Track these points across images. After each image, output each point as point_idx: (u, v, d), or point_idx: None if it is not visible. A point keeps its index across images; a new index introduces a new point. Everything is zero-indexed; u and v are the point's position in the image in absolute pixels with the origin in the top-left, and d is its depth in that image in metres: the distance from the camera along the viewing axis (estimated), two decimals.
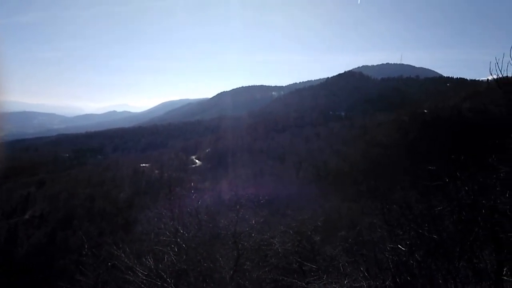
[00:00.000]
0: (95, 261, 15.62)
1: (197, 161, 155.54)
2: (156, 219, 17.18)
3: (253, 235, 16.05)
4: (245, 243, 15.62)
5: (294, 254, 16.89)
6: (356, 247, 15.37)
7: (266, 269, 15.58)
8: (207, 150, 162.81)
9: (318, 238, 18.19)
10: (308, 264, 15.68)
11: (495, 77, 9.66)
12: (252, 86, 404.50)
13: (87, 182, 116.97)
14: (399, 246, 11.21)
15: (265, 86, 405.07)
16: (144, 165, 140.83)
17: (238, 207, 15.89)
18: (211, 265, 14.45)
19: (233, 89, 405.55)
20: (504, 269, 9.35)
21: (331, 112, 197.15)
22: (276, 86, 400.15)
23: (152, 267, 13.66)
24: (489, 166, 11.73)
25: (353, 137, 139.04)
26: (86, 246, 16.72)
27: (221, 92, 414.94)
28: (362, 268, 12.69)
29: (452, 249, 10.36)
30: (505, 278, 9.11)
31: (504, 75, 9.52)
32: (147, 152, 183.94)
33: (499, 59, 9.10)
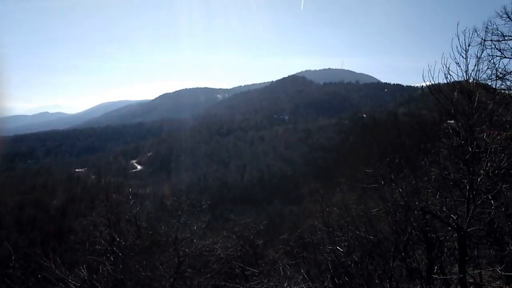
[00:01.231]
0: (23, 274, 14.49)
1: (137, 165, 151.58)
2: (91, 227, 16.41)
3: (194, 241, 15.80)
4: (187, 250, 15.32)
5: (237, 259, 16.78)
6: (297, 250, 15.55)
7: (208, 275, 15.32)
8: (148, 154, 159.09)
9: (261, 242, 18.21)
10: (250, 269, 15.62)
11: (428, 83, 10.14)
12: (196, 88, 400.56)
13: (16, 189, 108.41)
14: (337, 247, 11.44)
15: (210, 88, 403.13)
16: (79, 170, 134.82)
17: (179, 212, 15.57)
18: (150, 273, 13.96)
19: (176, 91, 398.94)
20: (435, 268, 9.79)
21: (275, 116, 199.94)
22: (221, 89, 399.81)
23: (86, 278, 12.97)
24: (422, 168, 12.31)
25: (296, 140, 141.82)
26: (13, 258, 15.50)
27: (164, 94, 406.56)
28: (302, 270, 12.81)
29: (387, 249, 10.72)
30: (435, 276, 9.52)
31: (436, 81, 10.03)
32: (83, 156, 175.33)
33: (431, 67, 9.59)
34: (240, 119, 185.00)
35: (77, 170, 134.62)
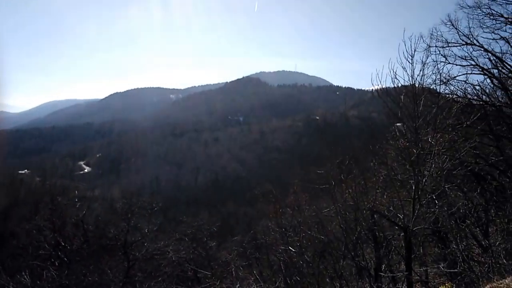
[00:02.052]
0: None
1: (85, 167, 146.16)
2: (35, 231, 15.61)
3: (145, 244, 15.45)
4: (137, 253, 14.98)
5: (189, 261, 16.58)
6: (250, 251, 15.59)
7: (160, 279, 15.02)
8: (97, 155, 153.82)
9: (214, 244, 18.13)
10: (203, 271, 15.49)
11: (376, 87, 10.42)
12: (148, 88, 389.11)
13: None
14: (290, 248, 11.53)
15: (163, 88, 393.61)
16: (23, 172, 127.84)
17: (129, 215, 15.18)
18: (98, 278, 13.45)
19: (127, 90, 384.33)
20: (383, 266, 10.09)
21: (229, 117, 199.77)
22: (174, 89, 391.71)
23: (29, 284, 12.27)
24: (370, 169, 12.65)
25: (251, 142, 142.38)
26: None
27: (114, 93, 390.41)
28: (255, 271, 12.84)
29: (338, 248, 10.94)
30: (383, 274, 9.80)
31: (384, 85, 10.32)
32: (27, 157, 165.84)
33: (379, 71, 9.86)
34: (194, 120, 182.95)
35: (20, 172, 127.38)
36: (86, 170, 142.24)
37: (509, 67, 16.75)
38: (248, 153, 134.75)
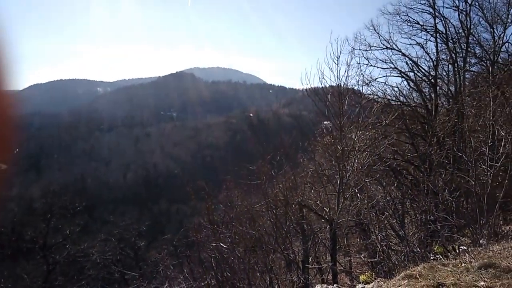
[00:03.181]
0: None
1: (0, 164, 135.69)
2: None
3: (67, 246, 14.79)
4: (58, 256, 14.29)
5: (116, 263, 16.12)
6: (181, 249, 15.49)
7: (83, 282, 14.45)
8: (14, 152, 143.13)
9: (143, 243, 17.77)
10: (131, 272, 15.13)
11: (306, 86, 10.84)
12: (73, 79, 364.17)
13: None
14: (221, 244, 11.66)
15: (89, 80, 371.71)
16: None
17: (49, 216, 14.43)
18: (11, 285, 12.67)
19: (49, 82, 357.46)
20: (310, 258, 10.57)
21: (162, 113, 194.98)
22: (102, 82, 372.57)
23: None
24: (300, 165, 13.16)
25: (184, 138, 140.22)
26: None
27: (34, 85, 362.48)
28: (185, 270, 12.79)
29: (268, 243, 11.26)
30: (309, 266, 10.26)
31: (312, 85, 10.77)
32: None
33: (308, 71, 10.27)
34: (124, 115, 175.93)
35: None
36: (1, 168, 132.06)
37: (423, 70, 18.20)
38: (182, 149, 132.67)
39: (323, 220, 10.90)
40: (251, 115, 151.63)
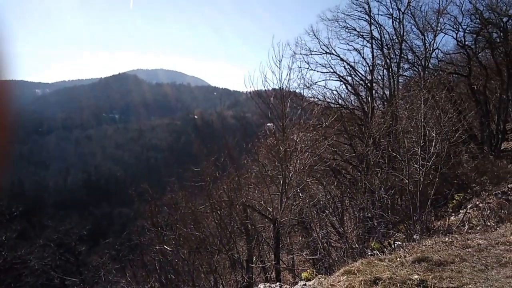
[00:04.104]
0: None
1: None
2: None
3: (3, 253, 13.95)
4: None
5: (56, 268, 15.48)
6: (123, 253, 15.14)
7: None
8: None
9: (84, 248, 17.17)
10: (71, 278, 14.60)
11: (249, 89, 11.02)
12: (9, 80, 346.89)
13: None
14: (165, 246, 11.56)
15: (27, 82, 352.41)
16: None
17: None
18: None
19: None
20: (254, 257, 10.74)
21: (104, 114, 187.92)
22: (40, 83, 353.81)
23: None
24: (244, 166, 13.32)
25: (127, 140, 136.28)
26: None
27: None
28: (128, 274, 12.55)
29: (213, 244, 11.31)
30: (253, 265, 10.44)
31: (256, 87, 10.99)
32: None
33: (251, 74, 10.47)
34: (64, 117, 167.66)
35: None
36: None
37: (360, 75, 19.14)
38: (125, 151, 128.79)
39: (266, 220, 11.11)
40: (195, 117, 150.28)
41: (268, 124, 13.42)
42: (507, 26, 20.58)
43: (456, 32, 20.81)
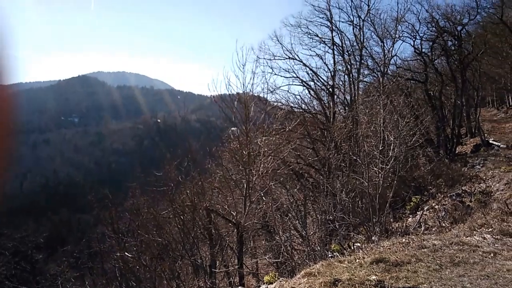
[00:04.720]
0: None
1: None
2: None
3: None
4: None
5: (10, 278, 14.82)
6: (82, 260, 14.72)
7: None
8: None
9: (41, 256, 16.54)
10: None
11: (213, 93, 10.98)
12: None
13: None
14: (126, 253, 11.31)
15: None
16: None
17: None
18: None
19: None
20: (217, 262, 10.69)
21: (63, 118, 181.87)
22: None
23: None
24: (208, 170, 13.25)
25: (87, 144, 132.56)
26: None
27: None
28: (87, 282, 12.19)
29: (176, 249, 11.16)
30: (216, 270, 10.38)
31: (219, 92, 10.96)
32: None
33: (215, 78, 10.44)
34: (20, 121, 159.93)
35: None
36: None
37: (322, 80, 19.53)
38: (84, 156, 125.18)
39: (230, 224, 11.08)
40: (158, 120, 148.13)
41: (233, 128, 13.42)
42: (462, 34, 21.65)
43: (414, 39, 21.69)
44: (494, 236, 6.42)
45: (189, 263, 11.08)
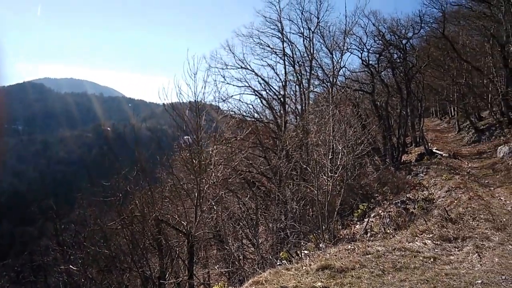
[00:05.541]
0: None
1: None
2: None
3: None
4: None
5: None
6: (24, 275, 13.98)
7: None
8: None
9: None
10: None
11: (165, 101, 10.85)
12: None
13: None
14: (71, 266, 10.87)
15: None
16: None
17: None
18: None
19: None
20: (167, 273, 10.47)
21: (6, 126, 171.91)
22: None
23: None
24: (158, 179, 13.01)
25: (32, 153, 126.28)
26: None
27: None
28: None
29: (124, 261, 10.83)
30: (166, 282, 10.17)
31: (170, 100, 10.86)
32: None
33: (166, 87, 10.33)
34: None
35: None
36: None
37: (274, 90, 19.87)
38: (29, 165, 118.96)
39: (181, 234, 10.91)
40: (108, 129, 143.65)
41: (186, 137, 13.31)
42: (406, 47, 22.81)
43: (361, 52, 22.63)
44: (434, 242, 6.76)
45: (137, 275, 10.79)
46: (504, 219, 8.10)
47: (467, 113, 25.84)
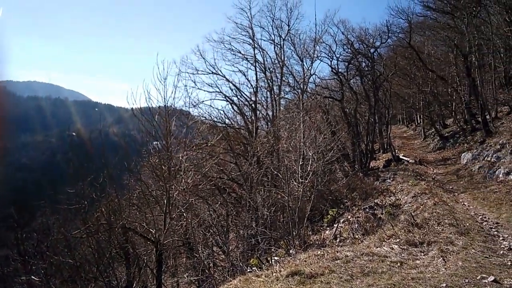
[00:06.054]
0: None
1: None
2: None
3: None
4: None
5: None
6: None
7: None
8: None
9: None
10: None
11: (133, 106, 10.58)
12: None
13: None
14: (33, 277, 10.37)
15: None
16: None
17: None
18: None
19: None
20: (134, 283, 10.15)
21: None
22: None
23: None
24: (125, 186, 12.64)
25: None
26: None
27: None
28: None
29: (89, 271, 10.42)
30: None
31: (139, 105, 10.59)
32: None
33: (134, 91, 10.10)
34: None
35: None
36: None
37: (245, 96, 19.87)
38: None
39: (149, 242, 10.63)
40: (73, 134, 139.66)
41: (155, 143, 13.03)
42: (374, 56, 23.35)
43: (331, 60, 23.00)
44: (401, 247, 6.85)
45: (103, 285, 10.39)
46: (468, 224, 8.34)
47: (432, 121, 26.69)
